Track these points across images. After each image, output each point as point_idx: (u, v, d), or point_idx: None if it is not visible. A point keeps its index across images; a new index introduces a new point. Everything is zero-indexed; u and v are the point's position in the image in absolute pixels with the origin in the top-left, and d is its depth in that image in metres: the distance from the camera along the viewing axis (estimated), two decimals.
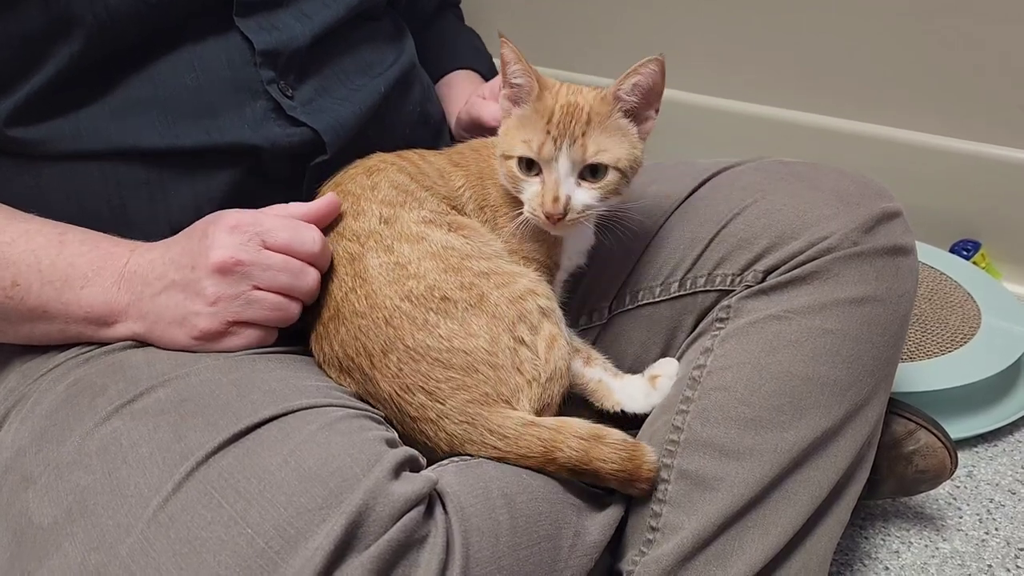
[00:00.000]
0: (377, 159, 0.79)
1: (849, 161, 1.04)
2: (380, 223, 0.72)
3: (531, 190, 0.74)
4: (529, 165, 0.74)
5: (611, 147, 0.72)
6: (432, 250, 0.70)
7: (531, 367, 0.69)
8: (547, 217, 0.72)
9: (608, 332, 0.87)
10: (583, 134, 0.72)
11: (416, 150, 0.83)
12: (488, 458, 0.66)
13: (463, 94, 1.01)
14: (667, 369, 0.79)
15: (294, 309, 0.69)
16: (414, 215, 0.73)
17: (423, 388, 0.67)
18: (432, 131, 0.96)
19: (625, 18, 1.89)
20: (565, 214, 0.72)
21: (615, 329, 0.87)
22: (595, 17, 1.92)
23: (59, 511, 0.56)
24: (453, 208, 0.79)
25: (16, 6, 0.67)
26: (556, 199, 0.71)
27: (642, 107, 0.75)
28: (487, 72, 1.11)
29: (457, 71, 1.08)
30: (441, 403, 0.67)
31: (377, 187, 0.75)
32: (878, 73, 1.62)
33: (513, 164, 0.74)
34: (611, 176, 0.73)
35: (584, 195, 0.73)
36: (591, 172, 0.73)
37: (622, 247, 0.83)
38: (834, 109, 1.69)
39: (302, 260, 0.68)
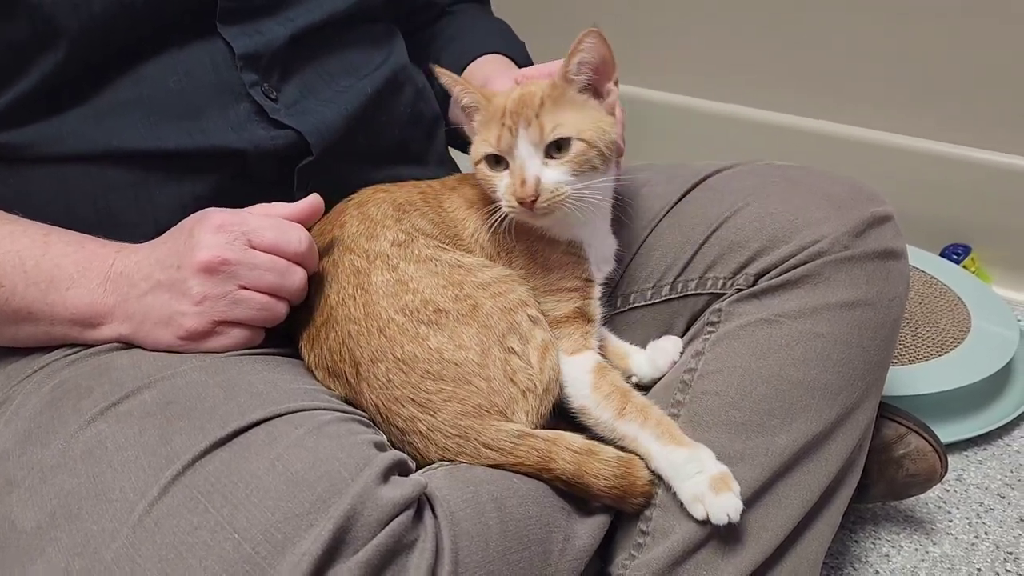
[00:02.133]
0: (404, 198, 0.77)
1: (841, 165, 1.04)
2: (392, 246, 0.72)
3: (502, 184, 0.73)
4: (497, 161, 0.73)
5: (570, 120, 0.71)
6: (436, 269, 0.70)
7: (524, 376, 0.69)
8: (520, 202, 0.70)
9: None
10: (537, 115, 0.71)
11: (436, 188, 0.80)
12: (483, 465, 0.66)
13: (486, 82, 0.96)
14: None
15: (281, 309, 0.69)
16: (428, 242, 0.73)
17: (413, 400, 0.66)
18: (424, 131, 0.95)
19: (619, 22, 1.89)
20: (538, 196, 0.70)
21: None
22: (589, 21, 1.92)
23: (43, 515, 0.55)
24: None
25: (3, 16, 0.67)
26: (524, 181, 0.70)
27: (598, 82, 0.74)
28: (517, 56, 1.04)
29: (479, 58, 1.02)
30: (432, 415, 0.66)
31: (401, 221, 0.74)
32: (870, 78, 1.63)
33: (482, 166, 0.74)
34: (577, 147, 0.71)
35: (554, 173, 0.71)
36: (556, 149, 0.71)
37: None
38: (826, 113, 1.70)
39: (289, 259, 0.68)
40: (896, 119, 1.62)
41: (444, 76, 0.76)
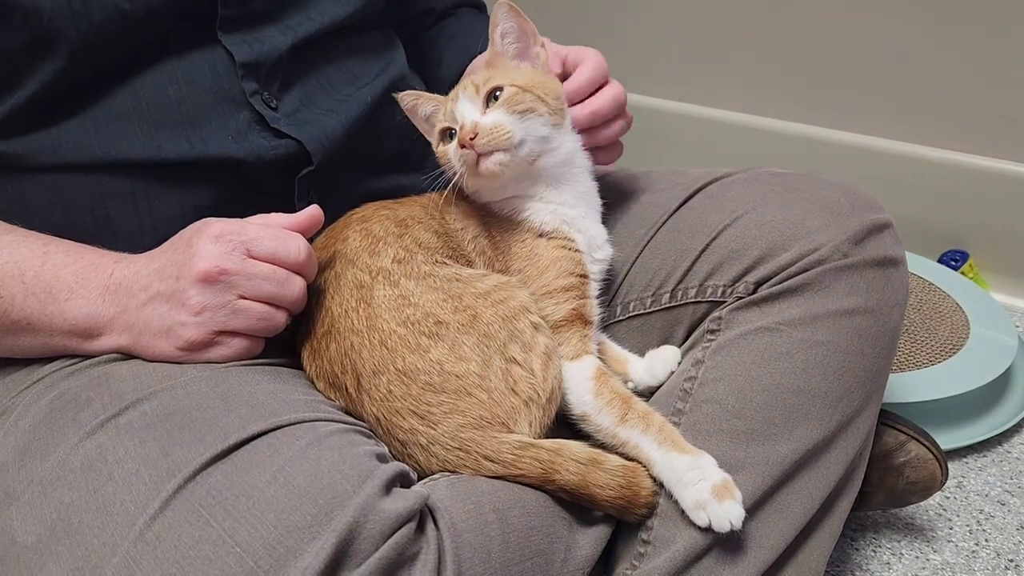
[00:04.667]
0: (407, 213, 0.78)
1: (840, 172, 1.04)
2: (392, 262, 0.72)
3: (453, 148, 0.76)
4: (451, 136, 0.77)
5: (503, 75, 0.77)
6: (435, 284, 0.71)
7: (527, 386, 0.69)
8: (463, 145, 0.73)
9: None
10: (472, 81, 0.77)
11: (437, 201, 0.81)
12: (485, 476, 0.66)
13: None
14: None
15: (280, 318, 0.69)
16: (427, 257, 0.74)
17: (414, 412, 0.66)
18: (424, 140, 0.95)
19: (619, 29, 1.89)
20: (476, 135, 0.73)
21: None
22: (588, 27, 1.93)
23: (43, 529, 0.55)
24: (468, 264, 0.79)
25: (1, 23, 0.67)
26: (463, 126, 0.74)
27: (525, 47, 0.81)
28: None
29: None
30: (432, 428, 0.66)
31: (402, 238, 0.75)
32: (869, 85, 1.63)
33: (440, 146, 0.79)
34: (509, 91, 0.75)
35: (492, 116, 0.75)
36: (495, 100, 0.76)
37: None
38: (825, 120, 1.70)
39: (288, 269, 0.68)
40: (894, 126, 1.63)
41: (404, 97, 0.82)
